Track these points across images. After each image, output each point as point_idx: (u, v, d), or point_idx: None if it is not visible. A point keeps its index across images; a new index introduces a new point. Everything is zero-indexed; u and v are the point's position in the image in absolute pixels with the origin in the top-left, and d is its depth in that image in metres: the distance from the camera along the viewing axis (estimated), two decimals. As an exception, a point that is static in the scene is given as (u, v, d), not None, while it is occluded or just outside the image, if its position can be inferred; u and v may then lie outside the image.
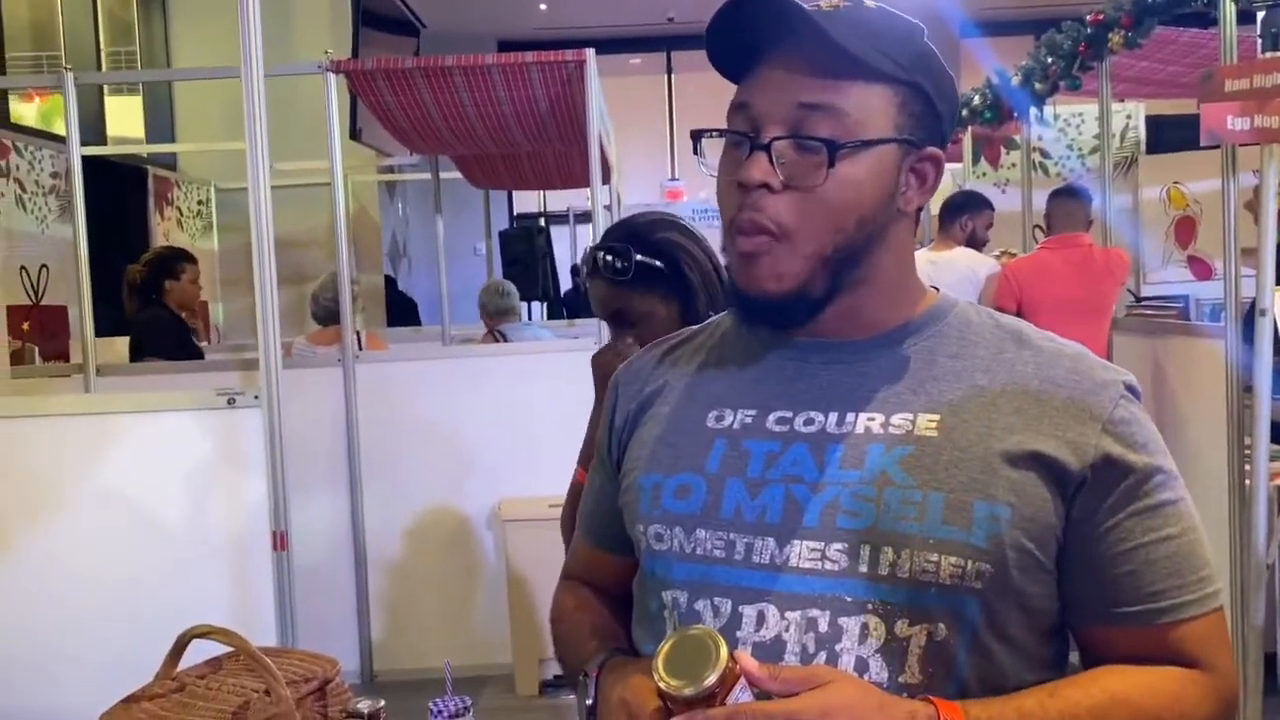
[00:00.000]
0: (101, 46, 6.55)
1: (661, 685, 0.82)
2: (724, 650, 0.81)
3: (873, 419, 0.94)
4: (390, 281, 8.24)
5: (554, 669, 3.88)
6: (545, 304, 8.56)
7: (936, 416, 0.92)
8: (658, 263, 1.59)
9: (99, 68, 6.43)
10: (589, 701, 0.98)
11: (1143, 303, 4.32)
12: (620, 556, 1.10)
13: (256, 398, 2.27)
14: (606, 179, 4.61)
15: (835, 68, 0.91)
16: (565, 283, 9.84)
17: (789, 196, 0.92)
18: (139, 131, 6.88)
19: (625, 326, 1.64)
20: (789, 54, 0.93)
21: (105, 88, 6.55)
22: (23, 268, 4.60)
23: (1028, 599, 0.91)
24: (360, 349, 4.21)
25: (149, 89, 7.03)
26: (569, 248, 10.35)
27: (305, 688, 1.48)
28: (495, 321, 4.79)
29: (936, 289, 1.02)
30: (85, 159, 3.95)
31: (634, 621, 1.06)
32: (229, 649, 1.54)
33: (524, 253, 7.77)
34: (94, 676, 1.55)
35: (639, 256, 1.59)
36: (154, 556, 2.32)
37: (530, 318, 5.38)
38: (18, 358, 4.06)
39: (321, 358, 4.08)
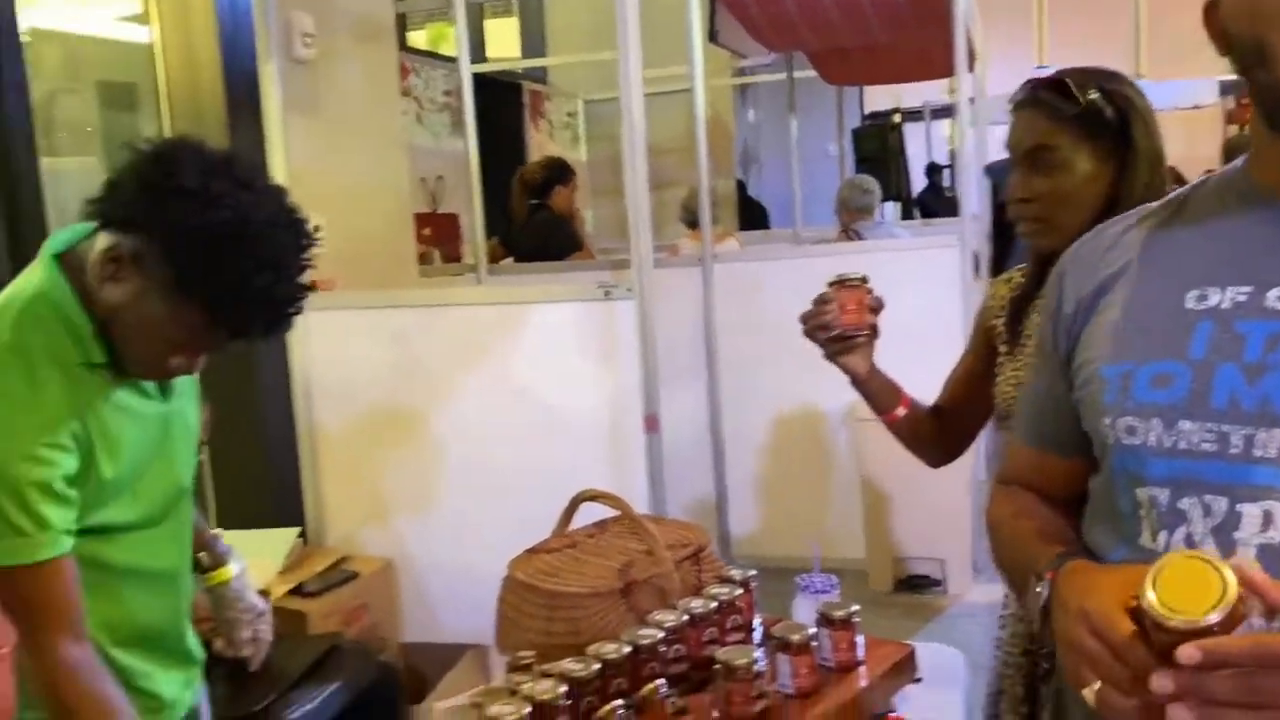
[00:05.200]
0: (479, -29, 7.04)
1: (1152, 609, 0.74)
2: (1234, 589, 0.72)
3: None
4: (740, 186, 8.35)
5: (911, 568, 3.88)
6: (899, 204, 8.33)
7: None
8: (1109, 111, 1.41)
9: (478, -10, 6.92)
10: (1042, 603, 0.91)
11: None
12: (1068, 458, 1.04)
13: (630, 290, 2.40)
14: (971, 67, 4.35)
15: None
16: (919, 183, 9.48)
17: None
18: (515, 50, 7.38)
19: (1039, 171, 1.44)
20: None
21: (484, 10, 7.06)
22: (422, 179, 5.13)
23: None
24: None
25: (523, 8, 7.50)
26: (923, 146, 9.91)
27: (681, 552, 1.58)
28: (853, 218, 4.73)
29: None
30: (471, 77, 4.29)
31: (1090, 523, 1.00)
32: (613, 514, 1.68)
33: (877, 151, 7.57)
34: (498, 534, 1.73)
35: (1095, 95, 1.41)
36: (540, 431, 2.56)
37: (883, 217, 5.27)
38: (423, 259, 4.56)
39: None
